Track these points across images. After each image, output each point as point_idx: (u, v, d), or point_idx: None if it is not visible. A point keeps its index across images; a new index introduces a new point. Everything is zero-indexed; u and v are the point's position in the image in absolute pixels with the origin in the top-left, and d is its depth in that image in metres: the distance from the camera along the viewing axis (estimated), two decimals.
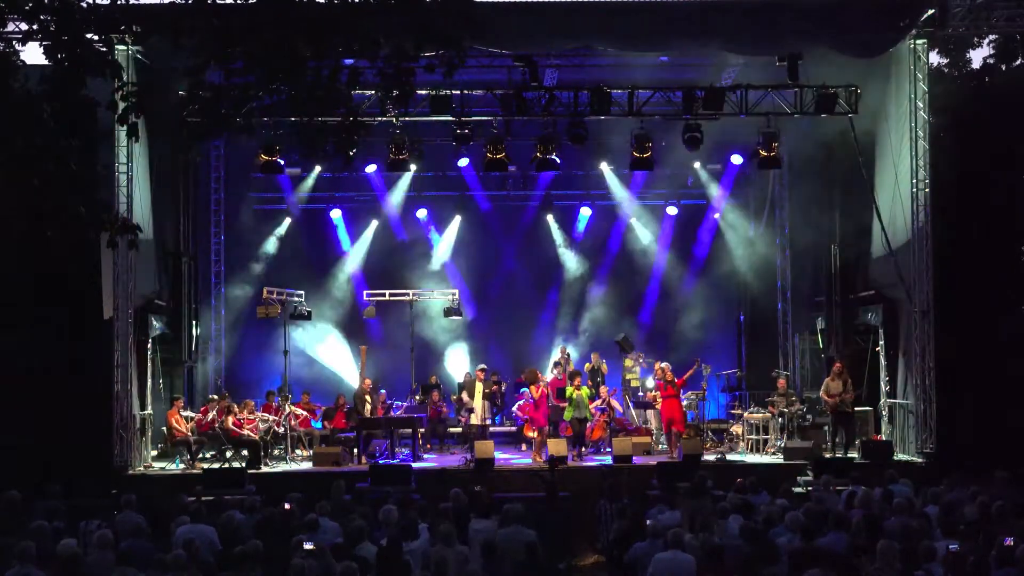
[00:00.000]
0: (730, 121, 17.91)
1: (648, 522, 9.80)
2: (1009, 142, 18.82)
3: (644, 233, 21.84)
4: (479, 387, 18.21)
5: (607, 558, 11.80)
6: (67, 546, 8.95)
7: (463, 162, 19.91)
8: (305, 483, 13.88)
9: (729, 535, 9.53)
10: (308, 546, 8.78)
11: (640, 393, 19.16)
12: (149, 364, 16.90)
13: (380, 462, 16.07)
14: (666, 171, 20.22)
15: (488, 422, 18.22)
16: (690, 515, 10.14)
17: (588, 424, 17.50)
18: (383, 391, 18.50)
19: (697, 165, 20.90)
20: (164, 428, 16.89)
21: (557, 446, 15.81)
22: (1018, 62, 21.30)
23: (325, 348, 20.77)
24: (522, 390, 18.59)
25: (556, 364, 19.12)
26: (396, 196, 21.13)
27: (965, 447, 15.61)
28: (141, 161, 16.05)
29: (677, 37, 16.12)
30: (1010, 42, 20.78)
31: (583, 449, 17.32)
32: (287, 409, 16.96)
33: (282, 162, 17.88)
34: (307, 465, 16.37)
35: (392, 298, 20.09)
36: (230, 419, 16.38)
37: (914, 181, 16.26)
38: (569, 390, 17.11)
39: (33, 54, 8.71)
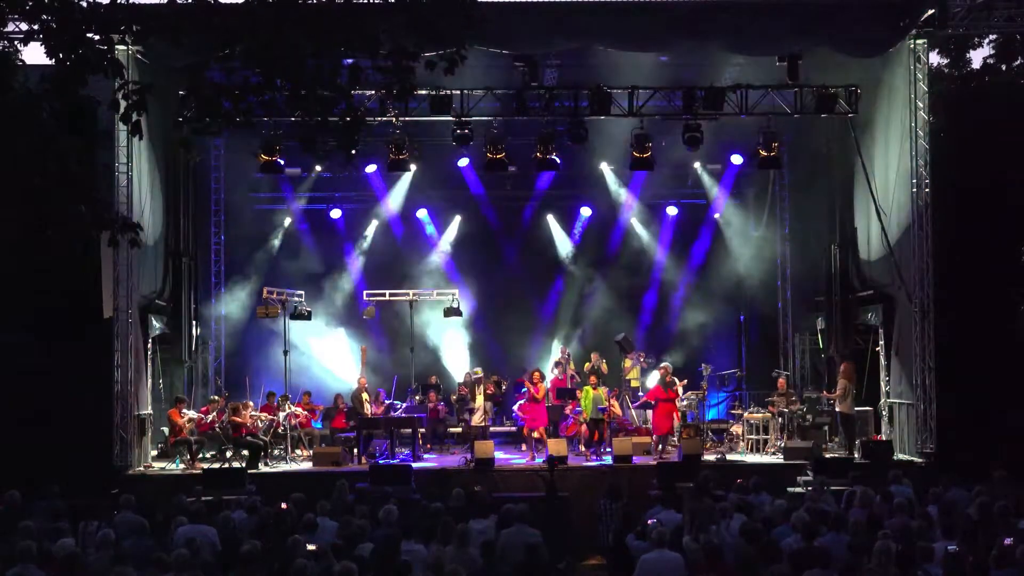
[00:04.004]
0: (730, 121, 17.93)
1: (649, 522, 9.79)
2: (1009, 142, 18.83)
3: (644, 233, 21.83)
4: (478, 389, 18.20)
5: (607, 558, 11.81)
6: (67, 546, 8.95)
7: (463, 162, 19.90)
8: (305, 483, 13.88)
9: (729, 535, 9.53)
10: (310, 547, 8.78)
11: (640, 393, 19.16)
12: (149, 364, 16.91)
13: (380, 462, 16.08)
14: (666, 171, 20.20)
15: (488, 422, 18.21)
16: (690, 515, 10.12)
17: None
18: (380, 390, 18.49)
19: (697, 165, 20.90)
20: (164, 428, 16.88)
21: (557, 446, 15.81)
22: (1018, 62, 21.31)
23: (325, 348, 20.75)
24: (523, 390, 18.59)
25: (557, 364, 19.14)
26: (396, 196, 21.11)
27: (965, 447, 15.61)
28: (141, 161, 16.06)
29: (677, 37, 16.11)
30: (1010, 42, 20.79)
31: (582, 448, 17.34)
32: (287, 409, 16.96)
33: (282, 162, 17.89)
34: (307, 465, 16.37)
35: (392, 298, 20.08)
36: (236, 419, 16.35)
37: (914, 181, 16.26)
38: (587, 390, 17.22)
39: (33, 54, 8.72)
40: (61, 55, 7.60)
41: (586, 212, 21.69)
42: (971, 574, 8.03)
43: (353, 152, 9.29)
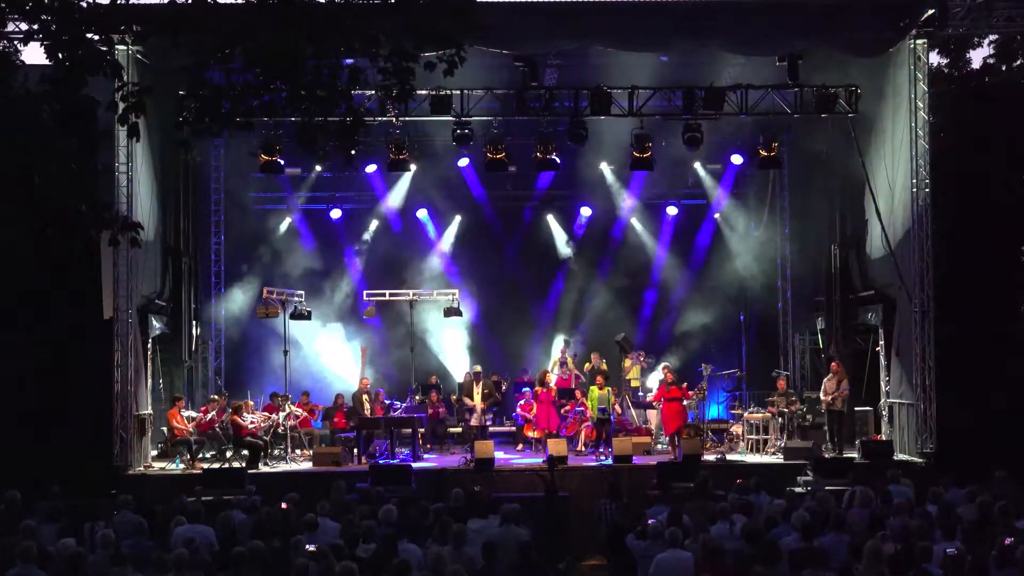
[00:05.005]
0: (730, 121, 17.94)
1: (650, 521, 9.79)
2: (1009, 142, 18.84)
3: (644, 233, 21.83)
4: (477, 388, 18.23)
5: (607, 558, 11.80)
6: (67, 546, 8.94)
7: (463, 162, 19.90)
8: (305, 483, 13.89)
9: (729, 535, 9.52)
10: (310, 547, 8.77)
11: (640, 393, 19.15)
12: (149, 364, 16.90)
13: (380, 462, 16.08)
14: (666, 171, 20.20)
15: (488, 422, 18.22)
16: (690, 515, 10.12)
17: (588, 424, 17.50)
18: (380, 390, 18.49)
19: (697, 165, 20.90)
20: (164, 428, 16.89)
21: (557, 446, 15.80)
22: (1018, 62, 21.32)
23: (325, 348, 20.75)
24: (523, 389, 18.60)
25: (562, 364, 19.14)
26: (396, 196, 21.12)
27: (965, 447, 15.60)
28: (141, 161, 16.06)
29: (677, 37, 16.11)
30: (1010, 42, 20.79)
31: (581, 448, 17.35)
32: (287, 409, 16.96)
33: (282, 162, 17.90)
34: (307, 465, 16.37)
35: (392, 298, 20.07)
36: (237, 419, 16.35)
37: (914, 181, 16.25)
38: (592, 391, 17.18)
39: (33, 54, 8.74)
40: (61, 55, 7.61)
41: (586, 212, 21.67)
42: (971, 574, 8.03)
43: (353, 152, 9.30)
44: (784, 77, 16.70)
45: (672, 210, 21.69)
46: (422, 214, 21.56)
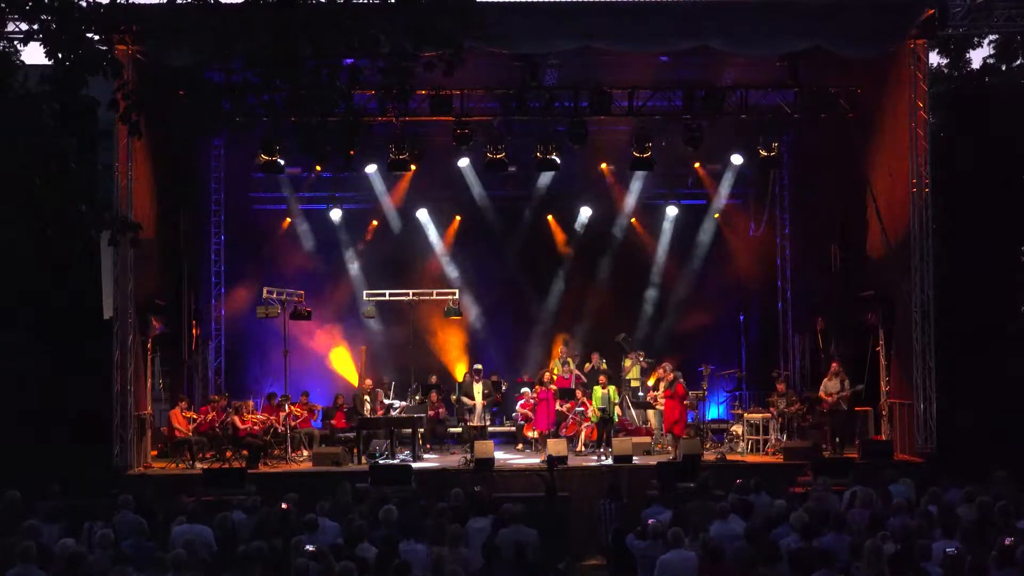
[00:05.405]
0: (730, 121, 17.93)
1: (650, 522, 9.79)
2: (1009, 142, 18.85)
3: (644, 233, 21.83)
4: (477, 388, 18.23)
5: (607, 558, 11.81)
6: (67, 546, 8.94)
7: (463, 162, 19.90)
8: (305, 483, 13.88)
9: (729, 535, 9.52)
10: (309, 547, 8.77)
11: (640, 393, 19.15)
12: (149, 364, 16.90)
13: (380, 462, 16.08)
14: (666, 171, 20.20)
15: (488, 422, 18.21)
16: (690, 515, 10.12)
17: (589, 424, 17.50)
18: (379, 390, 18.49)
19: (697, 165, 20.91)
20: (164, 428, 16.88)
21: (557, 446, 15.80)
22: (1018, 62, 21.32)
23: (325, 348, 20.75)
24: (523, 390, 18.59)
25: (563, 364, 19.14)
26: (396, 196, 21.13)
27: (965, 447, 15.62)
28: (141, 161, 16.04)
29: (677, 37, 16.10)
30: (1010, 42, 20.80)
31: (581, 448, 17.34)
32: (287, 409, 16.96)
33: (282, 162, 17.89)
34: (307, 465, 16.37)
35: (392, 298, 20.07)
36: (237, 419, 16.35)
37: (914, 181, 16.24)
38: (596, 390, 17.20)
39: (33, 54, 8.75)
40: (61, 55, 7.61)
41: (586, 212, 21.68)
42: (971, 574, 8.02)
43: (352, 153, 9.30)
44: (784, 77, 16.70)
45: (672, 210, 21.70)
46: (422, 214, 21.56)
